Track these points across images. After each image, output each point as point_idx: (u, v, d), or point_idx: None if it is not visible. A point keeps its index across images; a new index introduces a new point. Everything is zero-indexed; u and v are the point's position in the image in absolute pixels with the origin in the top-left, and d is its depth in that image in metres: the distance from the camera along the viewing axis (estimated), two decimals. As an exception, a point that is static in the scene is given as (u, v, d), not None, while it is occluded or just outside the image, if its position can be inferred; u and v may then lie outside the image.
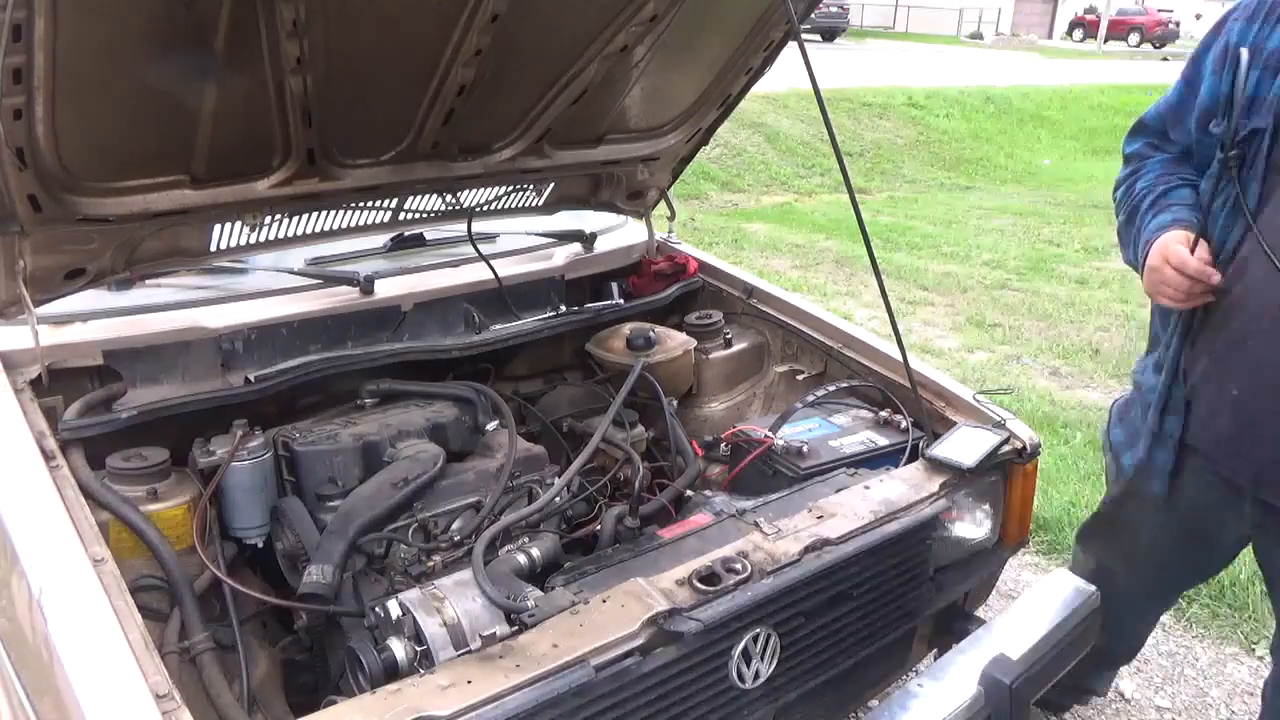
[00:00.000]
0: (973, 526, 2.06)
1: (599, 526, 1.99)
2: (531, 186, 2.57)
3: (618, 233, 2.96)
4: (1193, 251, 1.72)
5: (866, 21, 35.70)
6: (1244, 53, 1.56)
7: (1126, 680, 2.92)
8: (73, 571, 1.39)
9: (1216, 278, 1.72)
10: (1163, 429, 1.94)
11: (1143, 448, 2.00)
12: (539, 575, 1.72)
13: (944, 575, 2.01)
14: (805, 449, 2.11)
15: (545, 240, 2.78)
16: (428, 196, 2.35)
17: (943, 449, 1.99)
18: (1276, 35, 1.53)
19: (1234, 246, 1.71)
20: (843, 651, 1.77)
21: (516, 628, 1.45)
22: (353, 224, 2.30)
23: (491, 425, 2.15)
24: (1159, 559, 2.20)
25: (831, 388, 2.34)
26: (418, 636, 1.52)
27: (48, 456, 1.63)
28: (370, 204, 2.26)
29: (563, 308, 2.67)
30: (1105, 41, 34.08)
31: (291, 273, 2.32)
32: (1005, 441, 2.03)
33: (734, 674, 1.56)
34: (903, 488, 1.91)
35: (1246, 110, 1.56)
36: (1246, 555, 2.17)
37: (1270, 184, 1.58)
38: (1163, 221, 1.82)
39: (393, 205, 2.31)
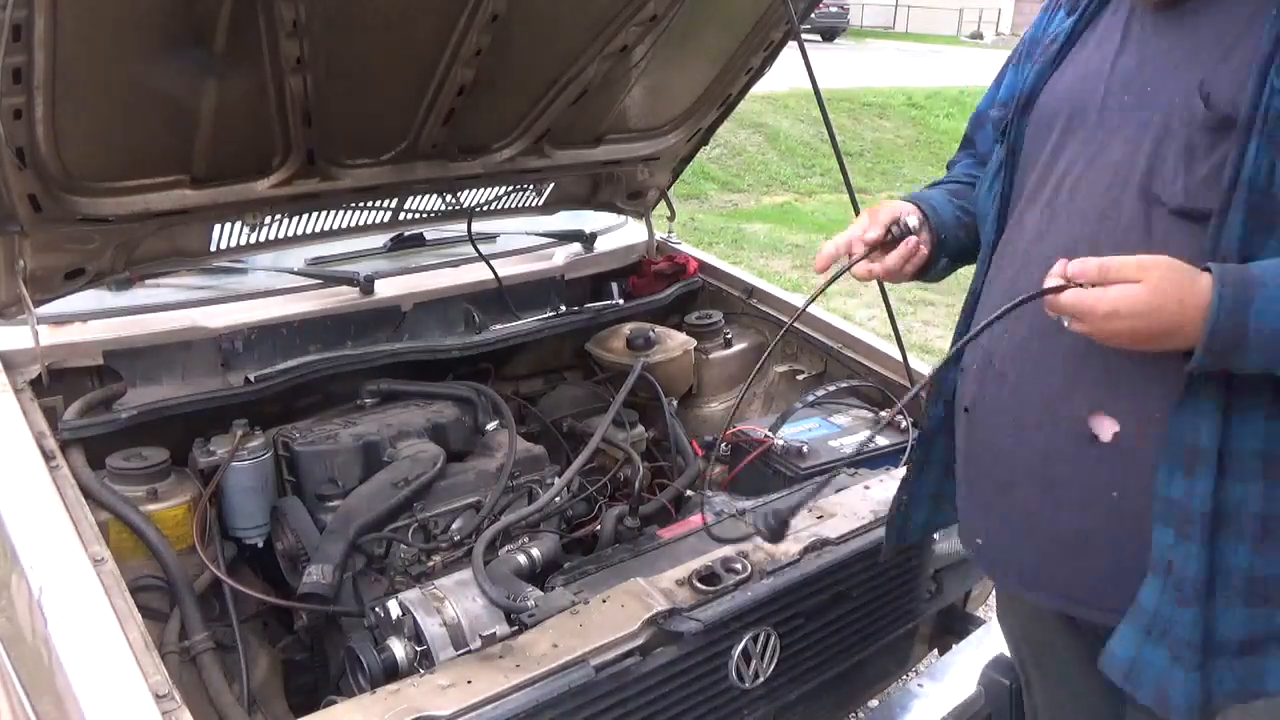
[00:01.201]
0: (973, 526, 2.06)
1: (599, 526, 1.99)
2: (531, 186, 2.57)
3: (618, 233, 2.95)
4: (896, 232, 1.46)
5: (866, 21, 35.67)
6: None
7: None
8: (73, 571, 1.39)
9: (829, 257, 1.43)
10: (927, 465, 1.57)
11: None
12: (539, 575, 1.72)
13: (944, 575, 2.01)
14: (805, 449, 2.11)
15: (545, 240, 2.78)
16: (428, 196, 2.35)
17: (943, 449, 1.98)
18: (1055, 23, 1.45)
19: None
20: (843, 651, 1.77)
21: (516, 628, 1.45)
22: (353, 224, 2.30)
23: (491, 425, 2.15)
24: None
25: (831, 388, 2.35)
26: (418, 636, 1.52)
27: (48, 456, 1.63)
28: (370, 204, 2.26)
29: (563, 308, 2.66)
30: (1105, 41, 34.00)
31: (291, 273, 2.32)
32: (1005, 441, 2.03)
33: (734, 674, 1.56)
34: (903, 488, 1.90)
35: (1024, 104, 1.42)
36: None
37: (1021, 179, 1.41)
38: None
39: (393, 205, 2.31)
